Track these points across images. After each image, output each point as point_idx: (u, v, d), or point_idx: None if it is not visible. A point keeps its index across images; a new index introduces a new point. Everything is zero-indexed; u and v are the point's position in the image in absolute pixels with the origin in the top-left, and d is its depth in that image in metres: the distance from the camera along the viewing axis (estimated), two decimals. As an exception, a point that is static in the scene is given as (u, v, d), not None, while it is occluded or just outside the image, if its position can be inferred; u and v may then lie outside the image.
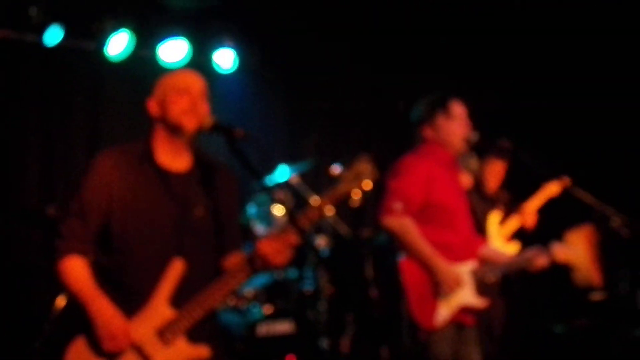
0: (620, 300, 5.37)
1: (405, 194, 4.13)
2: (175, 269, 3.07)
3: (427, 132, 4.35)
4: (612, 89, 7.67)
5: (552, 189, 5.96)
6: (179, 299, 3.07)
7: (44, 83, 6.62)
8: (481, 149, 5.98)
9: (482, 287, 4.28)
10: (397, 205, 4.10)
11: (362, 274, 6.66)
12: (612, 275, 5.59)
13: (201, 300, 3.06)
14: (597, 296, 6.30)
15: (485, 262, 4.41)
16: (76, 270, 3.07)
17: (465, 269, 4.22)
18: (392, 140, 8.03)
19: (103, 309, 3.00)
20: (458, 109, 4.32)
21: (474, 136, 4.39)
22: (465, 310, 4.19)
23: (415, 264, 4.13)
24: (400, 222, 4.11)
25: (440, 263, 4.09)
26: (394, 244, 4.20)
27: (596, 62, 7.44)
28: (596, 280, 5.88)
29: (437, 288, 4.09)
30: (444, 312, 4.10)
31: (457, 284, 4.09)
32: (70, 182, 6.50)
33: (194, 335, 3.08)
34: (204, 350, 3.09)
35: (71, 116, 6.78)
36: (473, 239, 4.42)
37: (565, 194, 5.48)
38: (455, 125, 4.29)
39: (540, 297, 7.75)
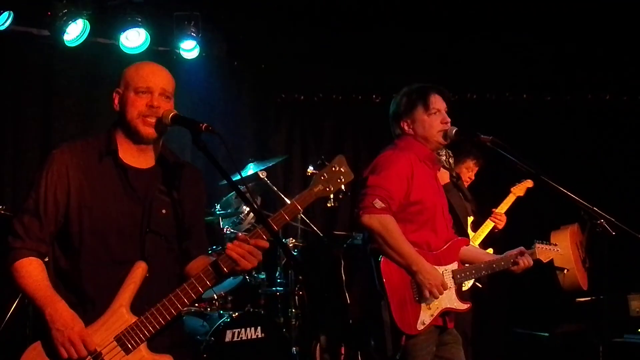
0: (607, 303, 5.22)
1: (385, 191, 3.93)
2: (137, 273, 2.95)
3: (406, 126, 4.15)
4: (606, 84, 7.60)
5: (517, 191, 6.13)
6: (139, 304, 2.94)
7: None
8: (458, 145, 5.88)
9: (462, 290, 4.16)
10: (378, 203, 3.89)
11: (334, 277, 6.49)
12: (598, 277, 5.44)
13: (164, 307, 2.92)
14: (583, 299, 6.19)
15: (467, 263, 4.22)
16: (31, 272, 2.91)
17: (446, 271, 4.05)
18: (366, 135, 7.85)
19: (60, 314, 2.85)
20: (438, 103, 4.14)
21: (453, 131, 4.18)
22: (445, 313, 4.02)
23: (394, 265, 3.91)
24: (381, 219, 3.89)
25: (424, 264, 3.90)
26: (371, 244, 3.97)
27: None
28: (582, 282, 5.72)
29: (419, 291, 3.89)
30: (425, 316, 3.91)
31: (442, 287, 3.90)
32: (20, 177, 6.27)
33: (156, 343, 2.95)
34: None
35: (20, 107, 6.52)
36: (453, 238, 4.22)
37: (550, 193, 5.31)
38: (434, 119, 4.10)
39: (524, 301, 7.68)
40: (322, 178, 2.99)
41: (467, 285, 5.75)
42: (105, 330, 2.88)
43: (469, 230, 6.02)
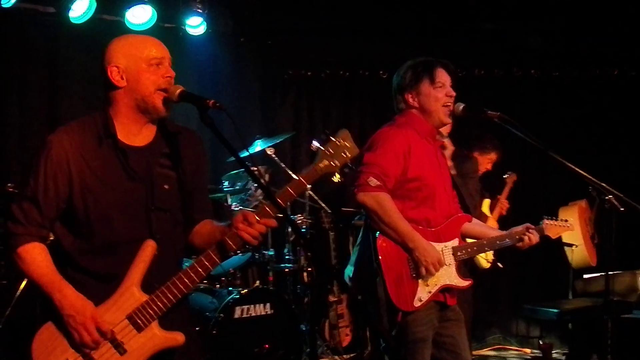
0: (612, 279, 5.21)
1: (381, 168, 3.87)
2: (147, 251, 2.91)
3: (410, 99, 4.08)
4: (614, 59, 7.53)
5: (509, 181, 6.54)
6: (150, 282, 2.90)
7: None
8: (483, 136, 5.92)
9: (463, 266, 4.11)
10: (373, 180, 3.84)
11: (343, 253, 6.48)
12: (607, 253, 5.42)
13: (174, 285, 2.90)
14: (591, 275, 6.18)
15: (472, 239, 4.18)
16: (35, 257, 2.90)
17: (446, 247, 3.99)
18: (373, 110, 7.81)
19: (68, 299, 2.84)
20: (443, 76, 4.05)
21: (460, 107, 4.11)
22: (446, 289, 3.97)
23: (390, 242, 3.87)
24: (376, 197, 3.85)
25: (421, 241, 3.85)
26: (369, 221, 3.95)
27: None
28: (591, 258, 5.71)
29: (416, 268, 3.85)
30: (422, 293, 3.87)
31: (438, 264, 3.86)
32: (28, 156, 6.23)
33: (167, 320, 2.92)
34: (178, 337, 2.94)
35: (26, 85, 6.49)
36: (455, 215, 4.15)
37: (558, 170, 5.31)
38: (439, 92, 4.02)
39: (533, 277, 7.67)
40: (328, 153, 2.92)
41: (487, 262, 5.74)
42: (116, 310, 2.87)
43: (487, 211, 6.05)
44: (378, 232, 3.89)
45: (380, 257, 3.83)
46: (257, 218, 2.84)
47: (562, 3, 7.01)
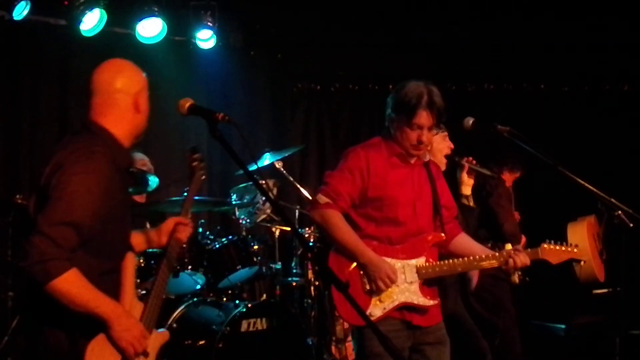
0: (624, 295, 5.18)
1: (332, 187, 3.91)
2: (131, 263, 3.11)
3: (389, 123, 4.02)
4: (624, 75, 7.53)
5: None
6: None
7: (9, 62, 6.41)
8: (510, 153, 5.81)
9: (429, 284, 3.95)
10: (322, 198, 3.91)
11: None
12: (615, 269, 5.39)
13: (157, 290, 3.20)
14: (600, 291, 6.13)
15: (459, 256, 4.03)
16: (81, 280, 2.84)
17: (408, 265, 3.92)
18: (382, 124, 7.75)
19: (118, 315, 2.94)
20: (422, 119, 3.90)
21: (470, 122, 4.14)
22: (412, 309, 3.90)
23: (342, 257, 3.89)
24: (323, 214, 3.89)
25: (370, 256, 3.83)
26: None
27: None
28: (599, 274, 5.66)
29: (369, 283, 3.83)
30: (375, 309, 3.83)
31: (388, 279, 3.81)
32: (37, 169, 6.19)
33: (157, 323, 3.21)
34: (165, 335, 3.25)
35: (37, 97, 6.55)
36: (425, 233, 4.04)
37: (567, 185, 5.28)
38: (412, 134, 3.92)
39: (541, 293, 7.63)
40: None
41: (517, 278, 5.58)
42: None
43: None
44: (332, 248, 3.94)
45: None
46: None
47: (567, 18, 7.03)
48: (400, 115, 3.93)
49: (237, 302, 5.54)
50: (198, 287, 5.63)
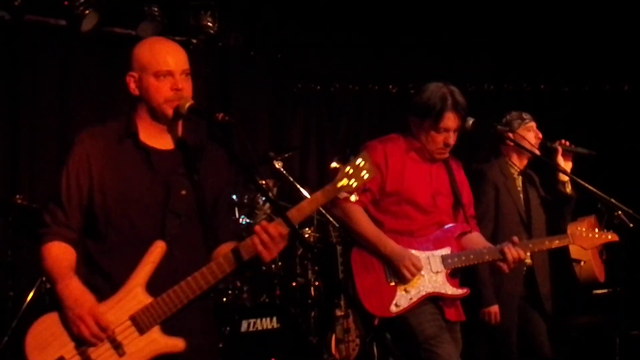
0: (624, 295, 5.18)
1: None
2: (155, 252, 2.90)
3: (412, 125, 4.04)
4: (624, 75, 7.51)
5: None
6: (157, 285, 2.89)
7: (9, 61, 6.40)
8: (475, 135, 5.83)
9: (454, 275, 3.97)
10: (343, 194, 3.87)
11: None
12: (615, 269, 5.40)
13: (180, 290, 2.88)
14: (599, 291, 6.13)
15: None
16: (51, 253, 2.91)
17: (433, 255, 3.94)
18: (383, 125, 7.81)
19: (70, 290, 2.84)
20: (449, 122, 3.93)
21: (470, 122, 4.09)
22: (439, 299, 3.93)
23: (364, 251, 3.91)
24: (344, 208, 3.92)
25: (393, 246, 3.87)
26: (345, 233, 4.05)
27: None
28: (599, 275, 5.66)
29: (393, 274, 3.86)
30: (401, 300, 3.85)
31: (414, 268, 3.83)
32: (38, 168, 6.33)
33: (173, 326, 2.90)
34: (178, 343, 2.90)
35: (37, 97, 6.54)
36: (449, 224, 4.07)
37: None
38: (439, 136, 3.96)
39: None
40: (347, 172, 2.93)
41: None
42: (119, 309, 2.86)
43: None
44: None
45: (352, 266, 3.88)
46: (280, 231, 2.82)
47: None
48: (426, 120, 3.93)
49: (237, 302, 5.55)
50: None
